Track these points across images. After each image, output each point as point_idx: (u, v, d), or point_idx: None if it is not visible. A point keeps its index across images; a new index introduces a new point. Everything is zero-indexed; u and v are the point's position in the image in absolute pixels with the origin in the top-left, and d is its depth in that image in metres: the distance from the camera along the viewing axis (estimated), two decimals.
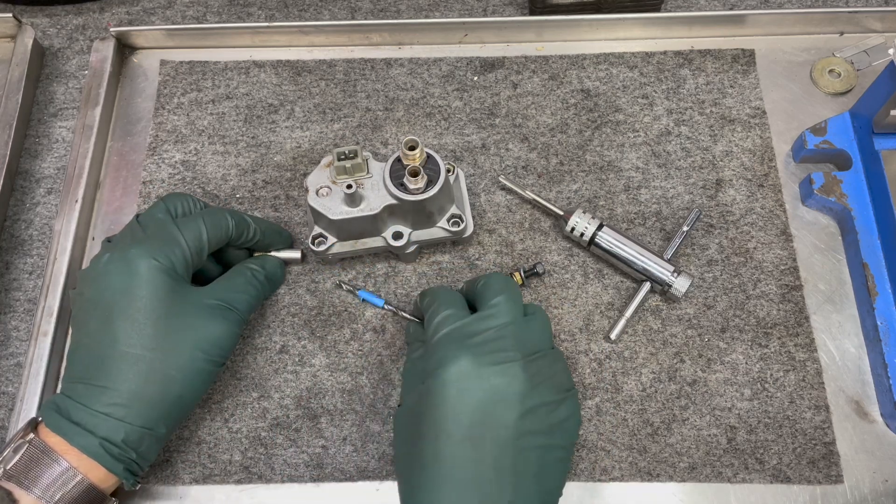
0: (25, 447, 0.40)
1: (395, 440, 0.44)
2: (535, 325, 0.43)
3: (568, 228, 0.52)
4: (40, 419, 0.42)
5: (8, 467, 0.40)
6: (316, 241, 0.50)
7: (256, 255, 0.52)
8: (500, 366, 0.39)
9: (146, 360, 0.42)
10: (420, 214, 0.49)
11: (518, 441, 0.39)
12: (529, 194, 0.54)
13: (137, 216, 0.46)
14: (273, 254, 0.52)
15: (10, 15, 0.60)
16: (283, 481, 0.48)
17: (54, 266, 0.53)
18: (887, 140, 0.53)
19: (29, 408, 0.49)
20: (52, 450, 0.40)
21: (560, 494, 0.41)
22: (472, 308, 0.45)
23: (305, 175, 0.57)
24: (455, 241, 0.54)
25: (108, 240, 0.46)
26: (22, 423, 0.48)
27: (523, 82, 0.60)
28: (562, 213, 0.52)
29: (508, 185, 0.54)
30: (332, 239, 0.51)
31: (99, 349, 0.42)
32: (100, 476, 0.41)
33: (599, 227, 0.51)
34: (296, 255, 0.53)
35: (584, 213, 0.52)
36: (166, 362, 0.42)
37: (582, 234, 0.51)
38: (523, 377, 0.39)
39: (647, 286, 0.51)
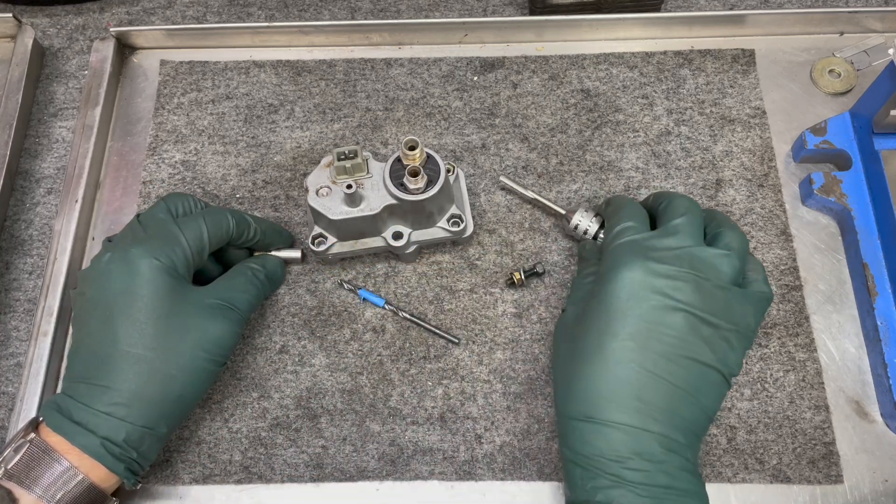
0: (26, 447, 0.40)
1: (553, 343, 0.46)
2: (721, 261, 0.41)
3: (572, 226, 0.52)
4: (41, 419, 0.42)
5: (9, 467, 0.40)
6: (316, 241, 0.50)
7: (257, 254, 0.52)
8: (672, 279, 0.40)
9: (147, 359, 0.42)
10: (420, 214, 0.49)
11: (680, 351, 0.39)
12: (531, 193, 0.54)
13: (138, 216, 0.46)
14: (273, 253, 0.53)
15: (10, 15, 0.60)
16: (282, 481, 0.48)
17: (54, 266, 0.53)
18: (887, 140, 0.53)
19: (29, 408, 0.49)
20: (52, 449, 0.40)
21: (713, 419, 0.41)
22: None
23: (305, 175, 0.57)
24: (455, 241, 0.54)
25: (109, 239, 0.46)
26: (22, 423, 0.48)
27: (523, 82, 0.60)
28: (564, 211, 0.52)
29: (510, 184, 0.54)
30: (332, 239, 0.51)
31: (100, 349, 0.42)
32: (101, 476, 0.41)
33: (602, 225, 0.51)
34: (296, 254, 0.53)
35: (586, 211, 0.52)
36: (168, 362, 0.42)
37: (585, 232, 0.51)
38: (692, 291, 0.40)
39: None
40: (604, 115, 0.59)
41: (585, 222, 0.51)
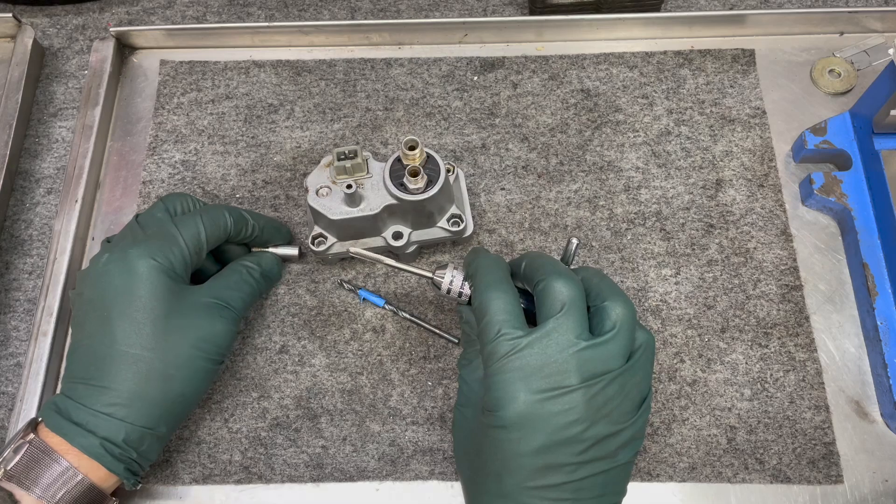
0: (26, 447, 0.40)
1: (454, 442, 0.44)
2: (607, 349, 0.38)
3: (444, 290, 0.44)
4: (40, 419, 0.42)
5: (9, 468, 0.40)
6: (316, 241, 0.50)
7: (254, 250, 0.52)
8: (561, 399, 0.37)
9: (146, 359, 0.42)
10: (420, 214, 0.49)
11: (581, 472, 0.38)
12: (388, 261, 0.46)
13: (137, 216, 0.46)
14: (270, 250, 0.52)
15: (10, 15, 0.60)
16: (282, 481, 0.48)
17: (54, 266, 0.53)
18: (887, 140, 0.53)
19: (29, 408, 0.49)
20: (52, 450, 0.40)
21: (623, 496, 0.40)
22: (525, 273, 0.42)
23: (305, 175, 0.57)
24: (455, 241, 0.54)
25: (108, 240, 0.46)
26: (22, 423, 0.48)
27: (523, 82, 0.60)
28: (430, 274, 0.45)
29: (363, 253, 0.46)
30: (331, 239, 0.51)
31: (99, 349, 0.42)
32: (100, 476, 0.41)
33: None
34: (293, 251, 0.53)
35: (456, 268, 0.45)
36: (166, 361, 0.42)
37: (460, 295, 0.44)
38: (584, 411, 0.37)
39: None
40: (604, 115, 0.59)
41: (458, 283, 0.44)
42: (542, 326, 0.38)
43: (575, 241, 0.44)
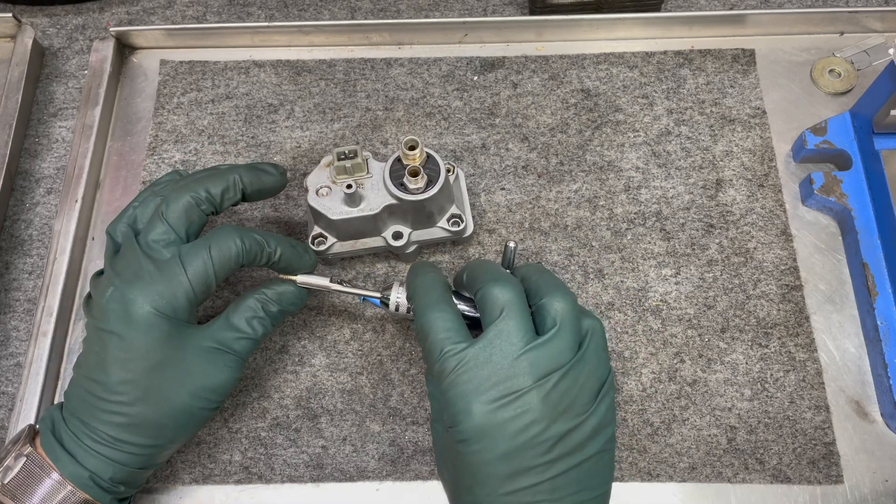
0: (23, 461, 0.40)
1: (435, 456, 0.44)
2: (552, 345, 0.38)
3: (392, 308, 0.45)
4: (38, 428, 0.42)
5: (6, 482, 0.40)
6: (316, 241, 0.50)
7: (281, 277, 0.46)
8: (515, 404, 0.37)
9: (137, 409, 0.41)
10: (420, 214, 0.49)
11: (552, 471, 0.37)
12: (334, 286, 0.46)
13: (137, 237, 0.43)
14: (300, 279, 0.46)
15: (10, 15, 0.60)
16: (282, 481, 0.48)
17: (54, 266, 0.53)
18: (887, 140, 0.53)
19: (29, 408, 0.49)
20: (49, 466, 0.40)
21: (609, 487, 0.40)
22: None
23: (305, 175, 0.57)
24: (455, 241, 0.54)
25: (115, 245, 0.43)
26: (22, 424, 0.48)
27: (523, 82, 0.60)
28: (379, 294, 0.46)
29: (308, 281, 0.46)
30: (331, 239, 0.51)
31: (92, 390, 0.41)
32: (95, 493, 0.41)
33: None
34: (324, 281, 0.46)
35: (401, 284, 0.45)
36: (159, 412, 0.41)
37: (409, 311, 0.45)
38: (541, 411, 0.37)
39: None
40: (604, 114, 0.59)
41: (405, 301, 0.45)
42: (484, 335, 0.38)
43: (512, 244, 0.45)
